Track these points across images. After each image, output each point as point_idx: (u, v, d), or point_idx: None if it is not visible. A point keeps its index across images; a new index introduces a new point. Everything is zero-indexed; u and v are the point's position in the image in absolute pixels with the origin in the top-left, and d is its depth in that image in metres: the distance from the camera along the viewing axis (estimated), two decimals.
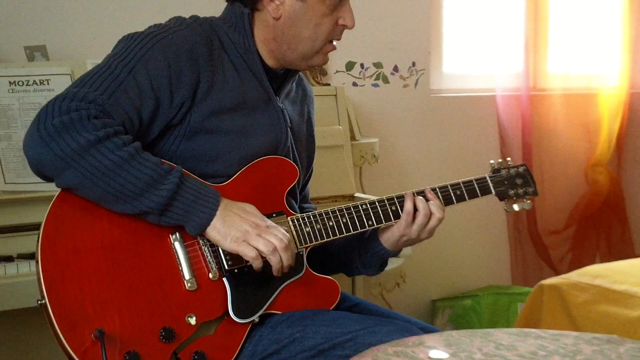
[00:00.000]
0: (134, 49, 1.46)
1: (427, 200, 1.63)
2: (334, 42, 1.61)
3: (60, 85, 2.09)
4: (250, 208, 1.48)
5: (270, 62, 1.61)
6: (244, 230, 1.43)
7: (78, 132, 1.34)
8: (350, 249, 1.70)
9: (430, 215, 1.62)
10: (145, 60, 1.45)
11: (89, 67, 2.00)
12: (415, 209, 1.62)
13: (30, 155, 1.37)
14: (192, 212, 1.41)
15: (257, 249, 1.43)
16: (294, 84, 1.72)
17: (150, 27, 1.53)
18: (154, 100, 1.45)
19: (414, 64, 3.25)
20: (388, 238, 1.65)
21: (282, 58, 1.60)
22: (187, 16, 1.59)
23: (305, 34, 1.56)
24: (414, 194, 1.63)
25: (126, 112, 1.42)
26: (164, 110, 1.47)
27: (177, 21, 1.54)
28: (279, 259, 1.44)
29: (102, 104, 1.39)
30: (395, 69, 3.21)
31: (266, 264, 1.46)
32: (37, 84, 2.09)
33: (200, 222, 1.42)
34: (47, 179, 1.39)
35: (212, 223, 1.43)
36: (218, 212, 1.43)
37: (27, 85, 2.08)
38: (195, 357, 1.39)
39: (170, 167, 1.41)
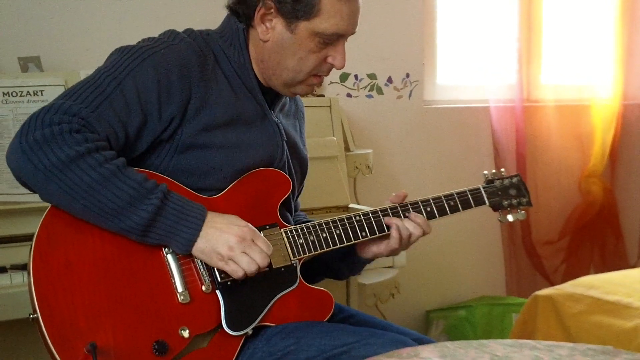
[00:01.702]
0: (123, 63, 1.45)
1: (405, 217, 1.65)
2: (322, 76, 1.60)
3: (54, 96, 2.06)
4: (234, 219, 1.46)
5: (261, 78, 1.60)
6: (229, 247, 1.42)
7: (59, 146, 1.33)
8: (337, 261, 1.71)
9: (410, 235, 1.64)
10: (134, 74, 1.44)
11: (83, 78, 1.99)
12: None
13: (12, 167, 1.37)
14: (174, 232, 1.40)
15: (241, 267, 1.43)
16: (287, 97, 1.72)
17: (142, 40, 1.52)
18: (141, 115, 1.44)
19: (407, 75, 3.26)
20: (371, 255, 1.68)
21: (268, 79, 1.59)
22: (181, 28, 1.58)
23: (289, 64, 1.54)
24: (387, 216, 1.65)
25: (111, 126, 1.41)
26: (151, 125, 1.46)
27: (171, 35, 1.53)
28: (256, 273, 1.45)
29: (86, 117, 1.38)
30: (389, 80, 3.22)
31: (258, 275, 1.46)
32: (31, 95, 2.09)
33: (184, 243, 1.41)
34: (32, 190, 1.39)
35: (196, 244, 1.42)
36: (201, 232, 1.41)
37: (20, 96, 2.08)
38: None
39: (154, 185, 1.40)
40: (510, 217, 1.78)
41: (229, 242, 1.42)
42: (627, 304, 2.37)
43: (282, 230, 1.56)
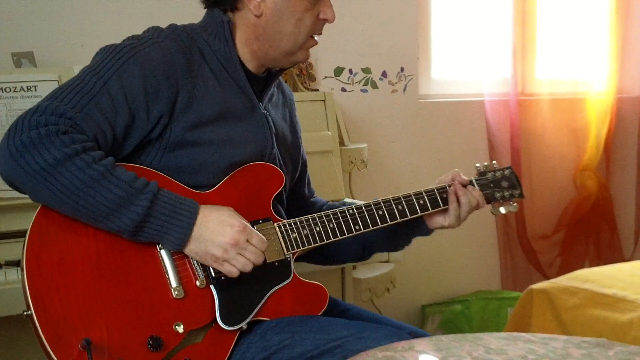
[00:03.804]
0: (109, 62, 1.44)
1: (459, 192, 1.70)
2: (316, 37, 1.61)
3: (47, 91, 2.04)
4: (227, 216, 1.45)
5: (251, 65, 1.60)
6: (223, 250, 1.42)
7: (46, 149, 1.32)
8: (402, 235, 1.77)
9: (477, 205, 1.72)
10: (120, 73, 1.43)
11: (77, 73, 1.99)
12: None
13: (0, 170, 1.36)
14: (165, 231, 1.40)
15: (237, 268, 1.43)
16: (275, 87, 1.71)
17: (126, 39, 1.51)
18: (128, 114, 1.43)
19: (402, 70, 3.26)
20: (438, 226, 1.74)
21: (265, 57, 1.59)
22: (177, 22, 1.58)
23: (288, 29, 1.55)
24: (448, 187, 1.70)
25: (99, 126, 1.40)
26: (139, 124, 1.45)
27: (155, 32, 1.52)
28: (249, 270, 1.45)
29: (73, 118, 1.37)
30: (384, 74, 3.22)
31: (252, 270, 1.46)
32: (25, 90, 2.08)
33: (175, 242, 1.41)
34: (21, 192, 1.38)
35: (189, 245, 1.42)
36: (193, 233, 1.41)
37: (14, 91, 2.07)
38: None
39: (144, 185, 1.39)
40: (502, 210, 1.78)
41: (223, 246, 1.42)
42: (622, 297, 2.37)
43: (275, 224, 1.56)
